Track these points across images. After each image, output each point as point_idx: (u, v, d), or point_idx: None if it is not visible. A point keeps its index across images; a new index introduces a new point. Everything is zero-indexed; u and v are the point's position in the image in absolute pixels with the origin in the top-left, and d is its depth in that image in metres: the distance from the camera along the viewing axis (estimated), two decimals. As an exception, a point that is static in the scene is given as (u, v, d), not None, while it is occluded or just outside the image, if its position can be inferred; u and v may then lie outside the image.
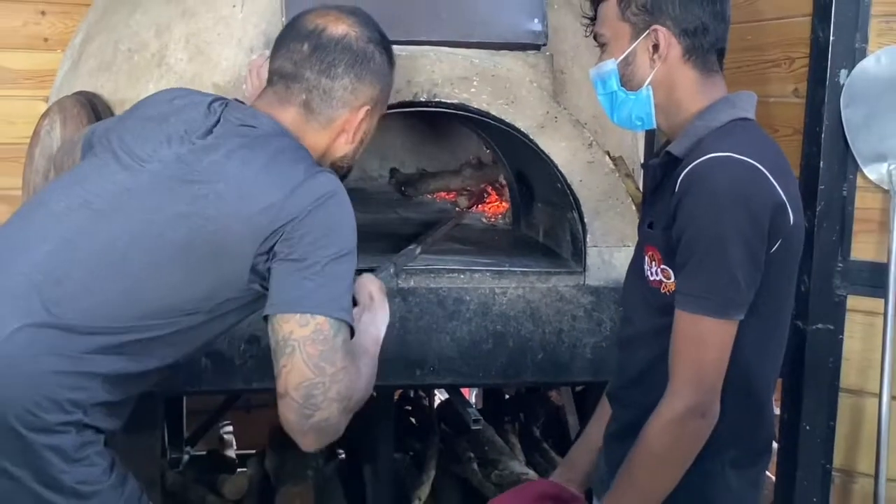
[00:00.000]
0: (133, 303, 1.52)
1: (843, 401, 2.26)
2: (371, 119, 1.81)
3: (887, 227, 2.16)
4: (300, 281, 1.52)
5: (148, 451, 2.70)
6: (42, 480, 1.45)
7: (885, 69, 2.14)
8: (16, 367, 1.44)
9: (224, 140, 1.62)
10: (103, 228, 1.54)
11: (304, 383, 1.47)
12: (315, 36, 1.72)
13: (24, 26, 3.18)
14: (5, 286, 1.50)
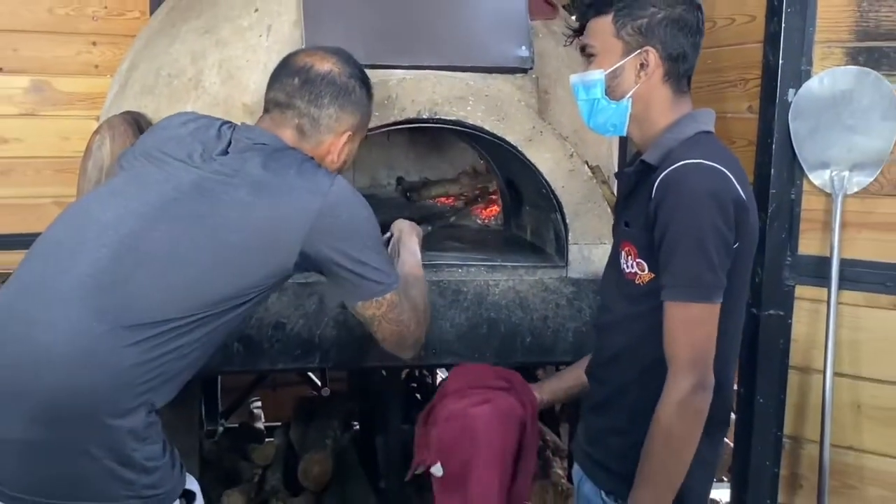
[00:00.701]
0: (195, 296, 1.54)
1: (791, 377, 2.26)
2: (353, 142, 1.86)
3: (829, 225, 2.16)
4: (362, 278, 1.69)
5: (188, 423, 2.71)
6: (118, 458, 1.45)
7: (827, 89, 2.14)
8: (101, 364, 1.45)
9: (246, 155, 1.66)
10: (160, 233, 1.55)
11: (394, 336, 1.78)
12: (304, 72, 1.77)
13: (78, 55, 3.18)
14: (75, 284, 1.50)
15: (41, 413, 1.43)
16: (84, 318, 1.46)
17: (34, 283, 1.54)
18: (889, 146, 2.11)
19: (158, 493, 1.51)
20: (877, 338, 2.16)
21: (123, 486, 1.46)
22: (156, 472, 1.50)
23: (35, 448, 1.43)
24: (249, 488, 2.91)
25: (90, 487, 1.45)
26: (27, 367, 1.45)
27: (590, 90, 1.65)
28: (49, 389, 1.43)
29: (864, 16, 2.12)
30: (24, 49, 3.11)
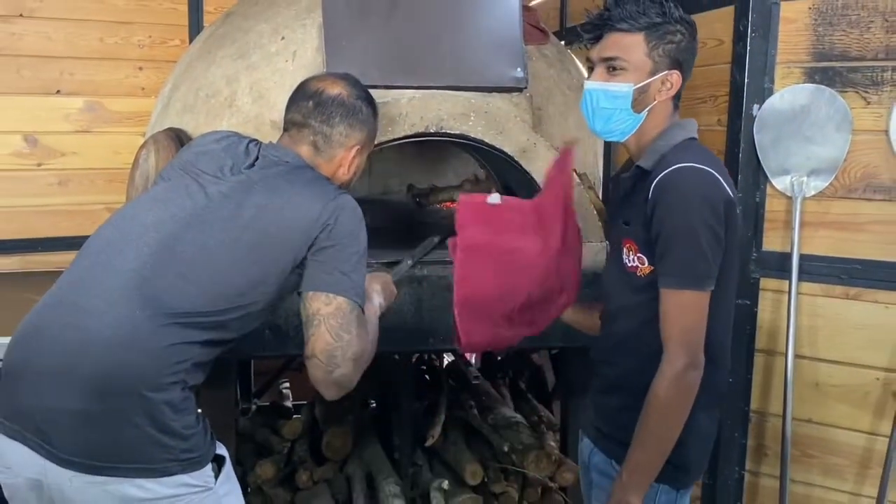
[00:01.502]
0: (220, 291, 1.56)
1: (757, 359, 2.26)
2: (361, 156, 1.87)
3: (790, 225, 2.16)
4: (328, 270, 1.60)
5: (225, 402, 2.71)
6: (158, 427, 1.47)
7: (787, 104, 2.14)
8: (142, 345, 1.48)
9: (269, 170, 1.70)
10: (192, 235, 1.59)
11: (327, 348, 1.56)
12: (317, 95, 1.79)
13: (126, 79, 3.20)
14: (121, 282, 1.53)
15: (91, 388, 1.45)
16: (127, 307, 1.50)
17: (85, 277, 1.58)
18: (842, 154, 2.11)
19: (194, 457, 1.52)
20: (832, 324, 2.16)
21: (163, 450, 1.48)
22: (191, 439, 1.52)
23: (86, 417, 1.45)
24: (279, 459, 2.92)
25: (134, 451, 1.47)
26: (79, 349, 1.48)
27: (615, 100, 1.60)
28: (98, 367, 1.46)
29: (820, 39, 2.12)
30: (79, 74, 3.12)
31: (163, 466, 1.48)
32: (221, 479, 1.58)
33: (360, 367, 1.62)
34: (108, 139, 3.19)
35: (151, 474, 1.47)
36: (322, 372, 1.57)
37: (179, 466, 1.49)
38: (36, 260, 3.01)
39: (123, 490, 1.46)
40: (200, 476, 1.53)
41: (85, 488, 1.46)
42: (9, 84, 3.03)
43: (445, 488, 2.76)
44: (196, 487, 1.52)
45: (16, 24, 3.01)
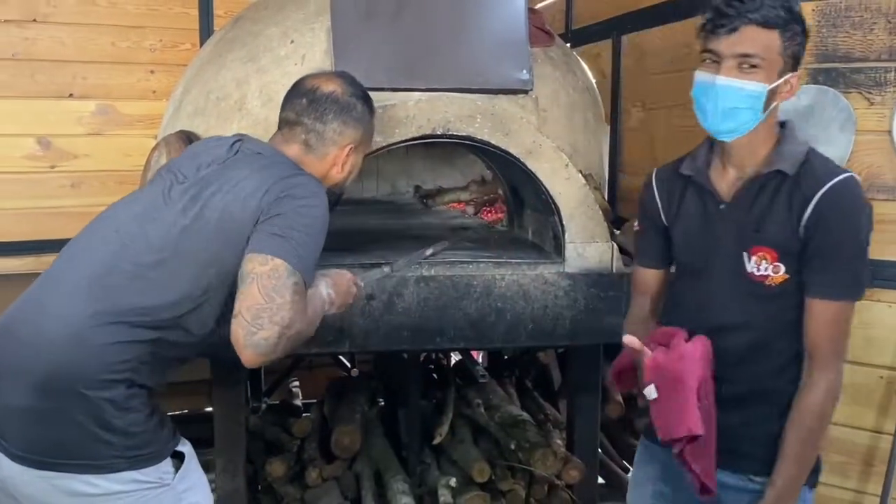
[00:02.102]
0: (168, 288, 1.54)
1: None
2: (356, 155, 1.84)
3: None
4: (269, 236, 1.54)
5: (236, 401, 2.72)
6: (100, 424, 1.47)
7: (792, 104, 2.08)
8: (84, 344, 1.48)
9: (237, 162, 1.67)
10: (145, 233, 1.58)
11: (254, 306, 1.45)
12: (311, 93, 1.77)
13: (138, 82, 3.20)
14: (77, 281, 1.54)
15: (38, 385, 1.46)
16: (77, 306, 1.50)
17: (53, 275, 1.60)
18: (846, 153, 2.10)
19: (142, 454, 1.52)
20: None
21: (107, 447, 1.48)
22: (138, 436, 1.51)
23: (33, 414, 1.47)
24: (289, 457, 2.92)
25: (78, 448, 1.48)
26: (32, 347, 1.49)
27: (748, 99, 1.47)
28: (45, 365, 1.47)
29: (824, 41, 2.11)
30: (91, 77, 3.13)
31: (108, 463, 1.48)
32: (181, 475, 1.58)
33: (287, 339, 1.48)
34: (120, 142, 3.20)
35: (97, 470, 1.48)
36: (244, 331, 1.44)
37: (126, 463, 1.50)
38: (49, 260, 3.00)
39: (71, 485, 1.47)
40: (153, 472, 1.53)
41: (35, 482, 1.48)
42: (23, 87, 3.04)
43: (453, 486, 2.76)
44: (149, 483, 1.52)
45: (30, 28, 3.03)
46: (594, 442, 3.01)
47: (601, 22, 3.13)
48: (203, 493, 1.65)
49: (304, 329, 1.55)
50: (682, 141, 2.58)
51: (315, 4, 2.49)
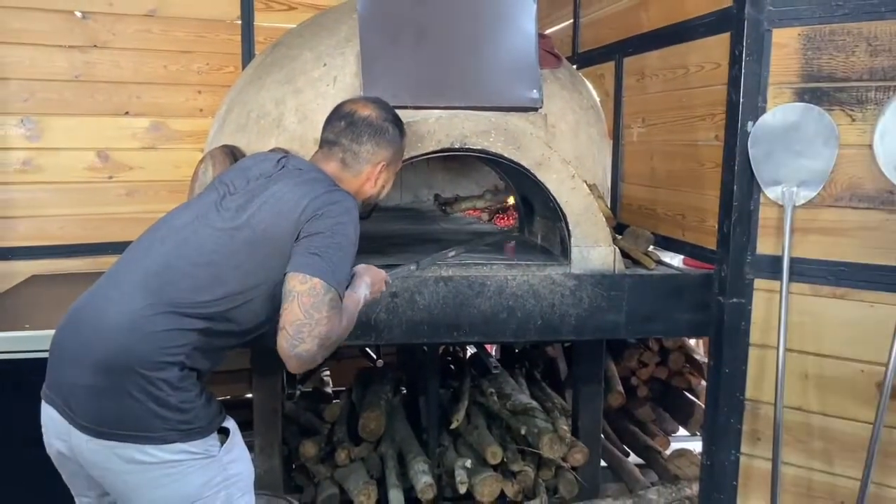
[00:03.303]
0: (216, 285, 1.58)
1: (751, 352, 2.24)
2: (388, 172, 1.88)
3: (782, 231, 2.13)
4: (309, 255, 1.58)
5: (272, 388, 2.74)
6: (156, 401, 1.51)
7: (779, 121, 2.12)
8: (142, 330, 1.52)
9: (282, 176, 1.71)
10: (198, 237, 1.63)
11: (296, 322, 1.50)
12: (349, 116, 1.82)
13: (186, 101, 3.23)
14: (137, 277, 1.58)
15: (101, 366, 1.51)
16: (134, 298, 1.54)
17: (115, 272, 1.64)
18: (830, 167, 2.08)
19: (192, 428, 1.55)
20: (820, 321, 2.13)
21: (162, 421, 1.51)
22: (189, 412, 1.54)
23: (97, 391, 1.51)
24: (321, 439, 2.93)
25: (136, 421, 1.51)
26: (95, 333, 1.54)
27: None
28: (107, 348, 1.51)
29: (809, 62, 2.09)
30: (144, 97, 3.16)
31: (162, 435, 1.51)
32: (226, 448, 1.60)
33: (325, 348, 1.53)
34: (171, 155, 3.23)
35: (152, 441, 1.51)
36: (287, 343, 1.50)
37: (178, 435, 1.52)
38: (107, 262, 3.04)
39: (129, 454, 1.50)
40: (201, 445, 1.56)
41: (98, 450, 1.52)
42: (84, 106, 3.08)
43: (468, 467, 2.76)
44: (197, 455, 1.55)
45: (91, 53, 3.06)
46: (597, 428, 3.00)
47: (605, 46, 3.13)
48: (245, 465, 1.67)
49: (342, 335, 1.61)
50: (677, 154, 2.57)
51: (346, 31, 2.50)
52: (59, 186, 3.09)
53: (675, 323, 2.34)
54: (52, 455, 1.63)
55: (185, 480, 1.54)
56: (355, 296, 1.74)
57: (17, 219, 3.05)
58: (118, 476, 1.53)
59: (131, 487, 1.54)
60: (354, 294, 1.74)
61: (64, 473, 1.66)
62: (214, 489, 1.57)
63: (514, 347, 3.72)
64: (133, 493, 1.54)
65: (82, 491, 1.67)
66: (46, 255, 3.07)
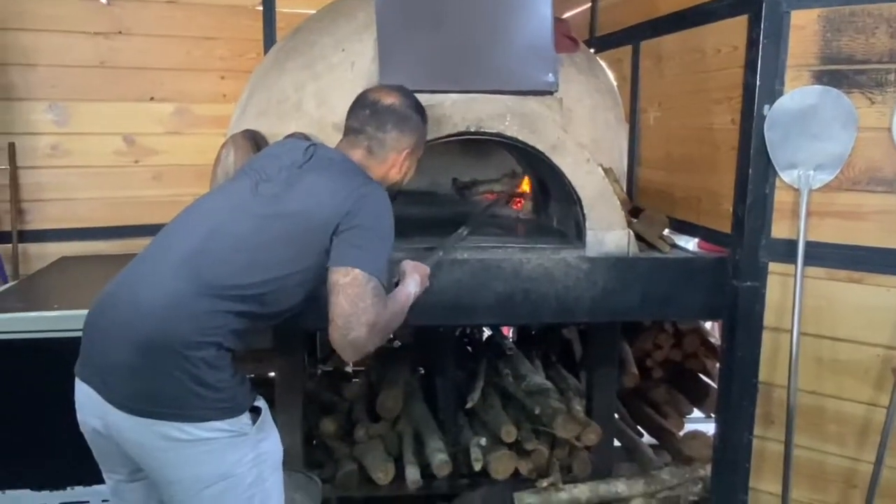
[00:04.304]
0: (252, 270, 1.60)
1: (765, 335, 2.20)
2: (411, 158, 1.89)
3: (797, 214, 2.09)
4: (349, 248, 1.62)
5: (295, 367, 2.76)
6: (194, 380, 1.52)
7: (797, 104, 2.06)
8: (181, 311, 1.53)
9: (314, 166, 1.73)
10: (235, 223, 1.64)
11: (343, 314, 1.56)
12: (373, 104, 1.83)
13: (209, 87, 3.25)
14: (174, 259, 1.59)
15: (141, 346, 1.51)
16: (174, 280, 1.56)
17: (150, 254, 1.66)
18: (847, 150, 2.03)
19: (228, 406, 1.56)
20: (836, 304, 2.09)
21: (199, 399, 1.52)
22: (225, 391, 1.56)
23: (135, 369, 1.52)
24: (341, 417, 2.95)
25: (174, 399, 1.52)
26: (134, 314, 1.54)
27: None
28: (146, 329, 1.52)
29: (828, 44, 2.04)
30: (169, 83, 3.18)
31: (199, 413, 1.52)
32: (258, 427, 1.62)
33: (376, 334, 1.60)
34: (195, 140, 3.24)
35: (189, 419, 1.52)
36: (339, 334, 1.57)
37: (213, 413, 1.54)
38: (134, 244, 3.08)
39: (166, 431, 1.51)
40: (236, 423, 1.57)
41: (135, 428, 1.52)
42: (110, 92, 3.10)
43: (483, 445, 2.76)
44: (231, 432, 1.56)
45: (115, 40, 3.08)
46: (611, 408, 2.98)
47: (622, 29, 3.07)
48: (275, 443, 1.69)
49: (391, 321, 1.67)
50: (693, 138, 2.52)
51: (363, 17, 2.48)
52: (87, 170, 3.13)
53: (689, 306, 2.30)
54: (86, 432, 1.64)
55: (220, 457, 1.55)
56: (406, 290, 1.81)
57: (46, 202, 3.09)
58: (155, 453, 1.54)
59: (167, 464, 1.55)
60: (405, 289, 1.81)
61: (96, 451, 1.67)
62: (247, 466, 1.59)
63: (529, 330, 3.71)
64: (169, 470, 1.56)
65: (114, 468, 1.68)
66: (75, 238, 3.12)
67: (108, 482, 1.71)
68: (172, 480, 1.56)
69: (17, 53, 2.96)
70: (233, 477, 1.57)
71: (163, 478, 1.57)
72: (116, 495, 1.72)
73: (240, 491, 1.58)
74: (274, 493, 1.66)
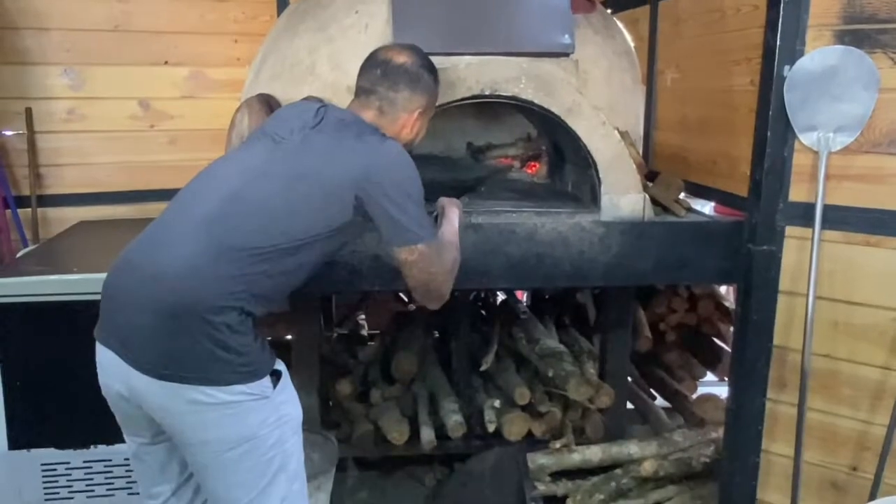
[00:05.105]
0: (274, 233, 1.59)
1: (780, 299, 2.19)
2: (423, 119, 1.87)
3: (815, 178, 2.06)
4: (396, 219, 1.64)
5: (311, 330, 2.79)
6: (217, 344, 1.53)
7: (818, 64, 2.02)
8: (203, 275, 1.53)
9: (327, 128, 1.71)
10: (255, 186, 1.63)
11: (423, 283, 1.68)
12: (384, 64, 1.80)
13: (223, 50, 3.21)
14: (193, 224, 1.59)
15: (165, 311, 1.51)
16: (194, 244, 1.55)
17: (167, 220, 1.65)
18: (868, 112, 1.98)
19: (250, 370, 1.57)
20: (852, 268, 2.07)
21: (223, 363, 1.53)
22: (248, 355, 1.56)
23: (158, 334, 1.52)
24: (355, 379, 2.98)
25: (198, 364, 1.52)
26: (156, 279, 1.54)
27: None
28: (167, 293, 1.52)
29: (851, 3, 1.98)
30: (182, 47, 3.15)
31: (223, 377, 1.53)
32: (279, 389, 1.63)
33: (451, 279, 1.74)
34: (209, 104, 3.23)
35: (212, 383, 1.53)
36: (423, 297, 1.72)
37: (236, 377, 1.55)
38: (151, 208, 3.09)
39: (190, 395, 1.52)
40: (257, 386, 1.58)
41: (159, 392, 1.53)
42: (124, 56, 3.08)
43: (497, 407, 2.79)
44: (253, 395, 1.57)
45: (129, 3, 3.05)
46: (624, 371, 3.00)
47: (640, -11, 3.02)
48: (295, 405, 1.70)
49: (456, 261, 1.77)
50: (711, 100, 2.48)
51: (377, -23, 2.44)
52: (104, 135, 3.12)
53: (705, 270, 2.29)
54: (109, 396, 1.65)
55: (243, 420, 1.57)
56: (452, 226, 1.89)
57: (64, 166, 3.10)
58: (178, 416, 1.56)
59: (191, 427, 1.56)
60: (452, 226, 1.89)
61: (119, 414, 1.69)
62: (269, 428, 1.60)
63: (543, 294, 3.71)
64: (192, 433, 1.57)
65: (137, 431, 1.69)
66: (93, 202, 3.13)
67: (130, 445, 1.73)
68: (196, 443, 1.58)
69: (30, 17, 2.94)
70: (255, 439, 1.58)
71: (187, 440, 1.59)
72: (137, 458, 1.74)
73: (261, 452, 1.60)
74: (294, 453, 1.68)
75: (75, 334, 2.21)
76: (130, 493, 2.50)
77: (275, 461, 1.62)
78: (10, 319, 2.31)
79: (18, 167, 3.04)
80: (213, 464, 1.59)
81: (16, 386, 2.35)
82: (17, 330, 2.33)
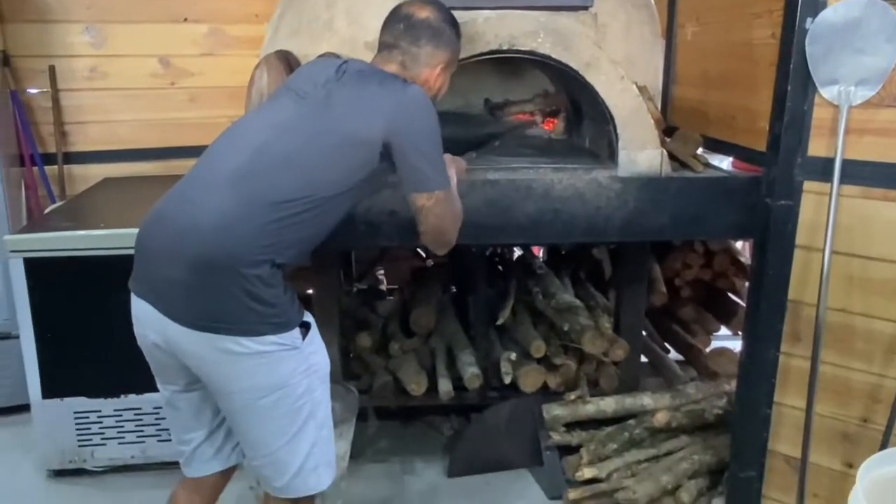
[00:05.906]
0: (305, 185, 1.60)
1: (796, 254, 2.17)
2: (445, 74, 1.86)
3: (835, 132, 2.02)
4: (422, 173, 1.65)
5: (331, 285, 2.82)
6: (250, 296, 1.55)
7: (840, 16, 1.96)
8: (235, 229, 1.55)
9: (350, 80, 1.71)
10: (283, 139, 1.64)
11: (436, 229, 1.73)
12: (407, 19, 1.78)
13: (242, 7, 3.20)
14: (223, 179, 1.60)
15: (194, 263, 1.54)
16: (225, 198, 1.57)
17: (196, 175, 1.67)
18: (891, 65, 1.94)
19: (281, 321, 1.60)
20: (869, 223, 2.04)
21: (255, 315, 1.56)
22: (279, 307, 1.59)
23: (192, 286, 1.55)
24: (375, 332, 3.02)
25: (232, 315, 1.55)
26: (185, 232, 1.56)
27: None
28: (199, 246, 1.54)
29: (878, -48, 1.91)
30: (202, 3, 3.14)
31: (256, 328, 1.56)
32: (308, 341, 1.66)
33: (458, 228, 1.79)
34: (229, 61, 3.22)
35: (246, 334, 1.56)
36: (433, 243, 1.77)
37: (269, 328, 1.57)
38: (172, 165, 3.12)
39: (225, 345, 1.56)
40: (288, 337, 1.61)
41: (195, 341, 1.57)
42: (144, 14, 3.08)
43: (513, 359, 2.82)
44: (284, 346, 1.60)
45: (147, -40, 3.03)
46: (639, 326, 3.01)
47: (661, -60, 2.93)
48: (323, 357, 1.74)
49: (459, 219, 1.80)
50: (731, 54, 2.43)
51: (394, -70, 2.40)
52: (126, 93, 3.14)
53: (721, 225, 2.28)
54: (144, 346, 1.69)
55: (275, 369, 1.60)
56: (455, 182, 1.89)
57: (87, 124, 3.12)
58: (214, 365, 1.60)
59: (225, 375, 1.60)
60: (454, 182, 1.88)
61: (154, 363, 1.73)
62: (299, 377, 1.64)
63: (559, 249, 3.71)
64: (226, 381, 1.61)
65: (171, 380, 1.74)
66: (117, 159, 3.17)
67: (164, 393, 1.78)
68: (230, 391, 1.62)
69: (50, -25, 2.94)
70: (286, 387, 1.62)
71: (221, 388, 1.63)
72: (171, 405, 1.79)
73: (292, 400, 1.64)
74: (323, 402, 1.73)
75: (104, 287, 2.27)
76: (160, 441, 2.59)
77: (304, 409, 1.67)
78: (41, 274, 2.37)
79: (44, 124, 3.07)
80: (246, 411, 1.63)
81: (48, 338, 2.42)
82: (47, 284, 2.39)
